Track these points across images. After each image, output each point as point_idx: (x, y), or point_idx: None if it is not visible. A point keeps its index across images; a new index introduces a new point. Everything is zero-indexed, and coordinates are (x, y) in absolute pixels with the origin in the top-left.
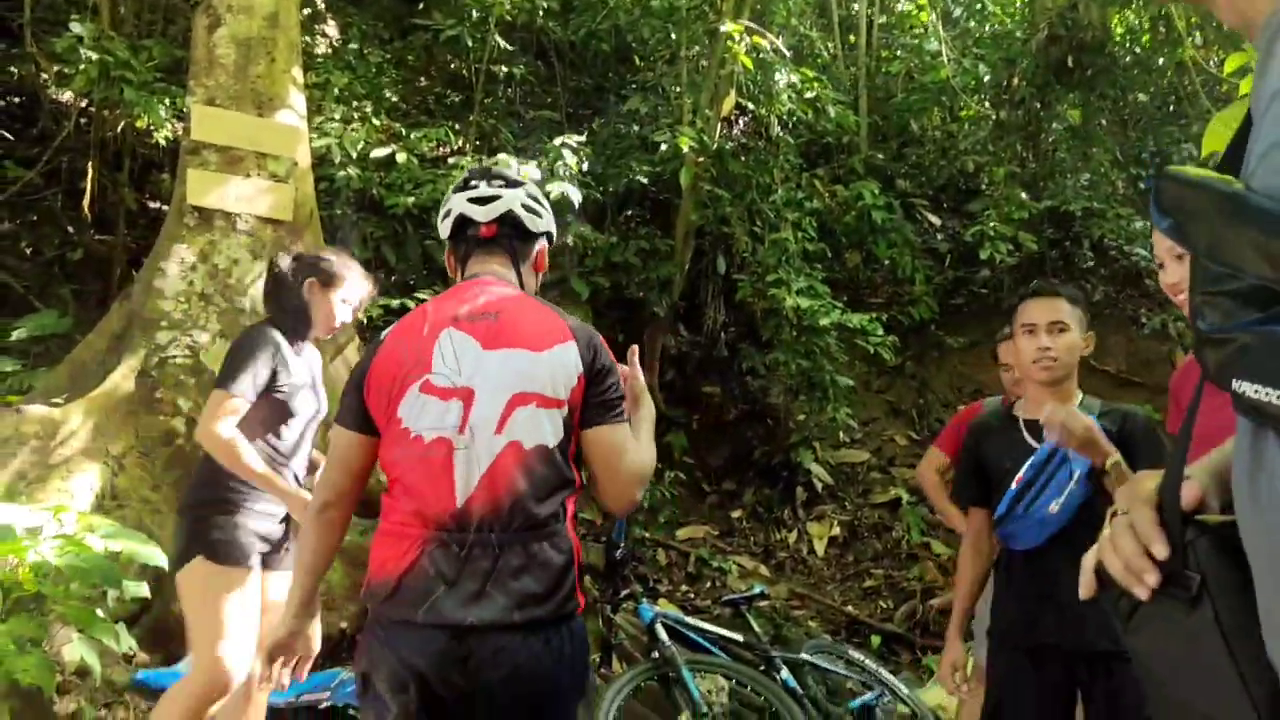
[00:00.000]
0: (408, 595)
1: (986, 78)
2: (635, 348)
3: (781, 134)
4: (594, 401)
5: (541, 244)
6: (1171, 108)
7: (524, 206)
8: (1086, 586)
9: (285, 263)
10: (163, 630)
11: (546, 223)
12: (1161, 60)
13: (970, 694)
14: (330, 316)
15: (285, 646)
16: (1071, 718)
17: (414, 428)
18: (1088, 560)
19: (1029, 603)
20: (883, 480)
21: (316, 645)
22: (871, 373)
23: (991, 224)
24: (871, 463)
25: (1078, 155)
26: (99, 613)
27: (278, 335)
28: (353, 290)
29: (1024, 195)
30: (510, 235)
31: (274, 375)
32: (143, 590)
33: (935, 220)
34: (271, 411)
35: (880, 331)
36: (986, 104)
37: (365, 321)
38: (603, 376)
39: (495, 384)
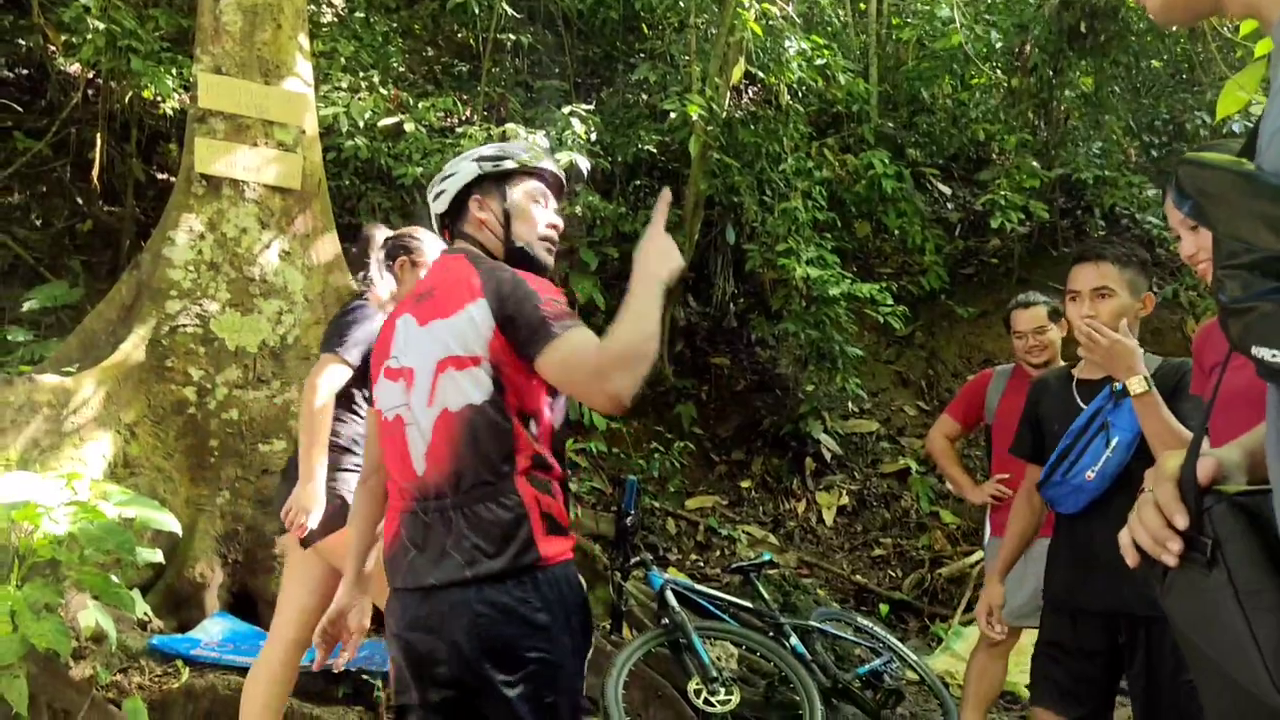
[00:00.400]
0: (391, 564)
1: (999, 44)
2: (666, 191)
3: (791, 102)
4: (521, 338)
5: (467, 207)
6: (1185, 74)
7: (434, 196)
8: (1131, 559)
9: (379, 238)
10: (176, 596)
11: (451, 186)
12: (1175, 26)
13: (984, 658)
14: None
15: (338, 623)
16: (1117, 680)
17: (383, 409)
18: (1124, 536)
19: (1071, 567)
20: (892, 450)
21: (367, 620)
22: (881, 343)
23: (1002, 193)
24: (880, 432)
25: (1090, 123)
26: (114, 579)
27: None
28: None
29: (1035, 163)
30: (442, 220)
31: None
32: (156, 556)
33: (946, 189)
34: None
35: (890, 301)
36: (998, 71)
37: None
38: (516, 311)
39: (424, 358)
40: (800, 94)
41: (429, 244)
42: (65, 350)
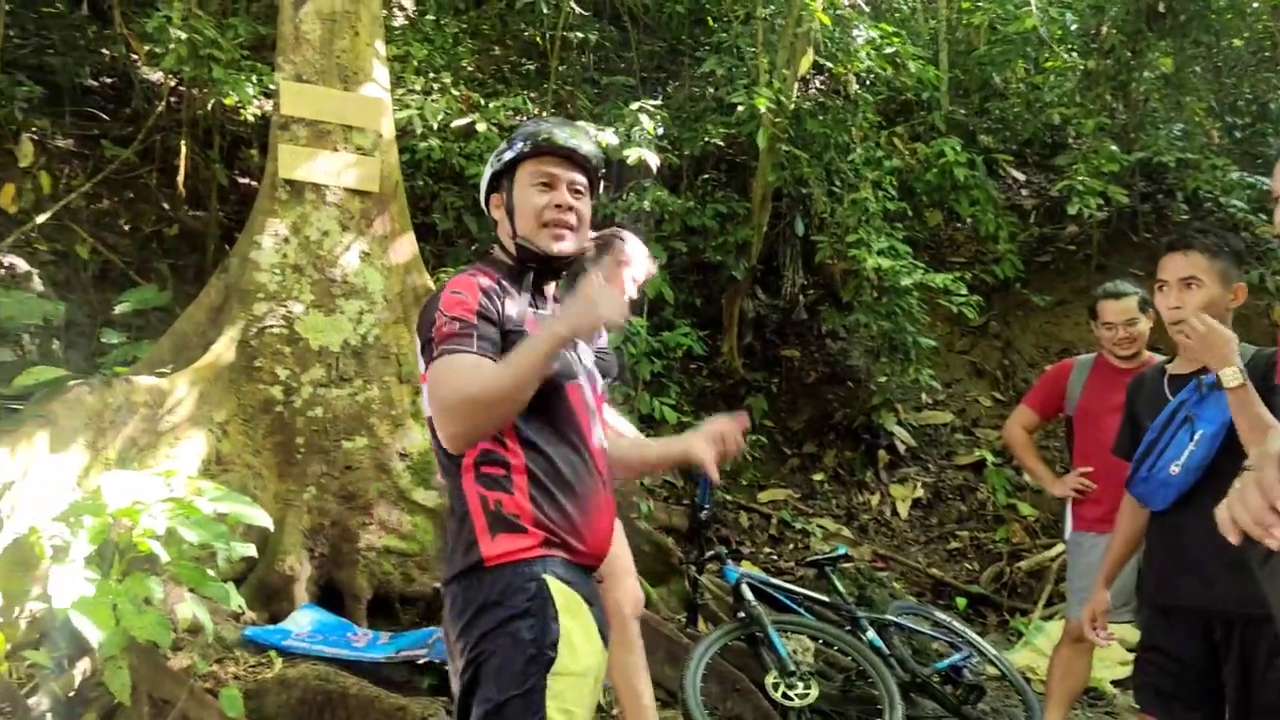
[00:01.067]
0: None
1: (1074, 26)
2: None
3: (860, 91)
4: (421, 355)
5: (493, 201)
6: (1268, 53)
7: None
8: (1233, 536)
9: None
10: (267, 589)
11: (485, 179)
12: (1257, 3)
13: (1068, 654)
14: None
15: None
16: (1216, 675)
17: None
18: (1221, 512)
19: (1163, 563)
20: (967, 442)
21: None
22: (954, 333)
23: (1080, 178)
24: (955, 424)
25: (1170, 104)
26: (209, 572)
27: None
28: (640, 270)
29: (1114, 147)
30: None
31: None
32: (249, 550)
33: (1020, 176)
34: None
35: (963, 291)
36: (1074, 54)
37: None
38: (421, 328)
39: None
40: (869, 83)
41: (630, 243)
42: (158, 351)
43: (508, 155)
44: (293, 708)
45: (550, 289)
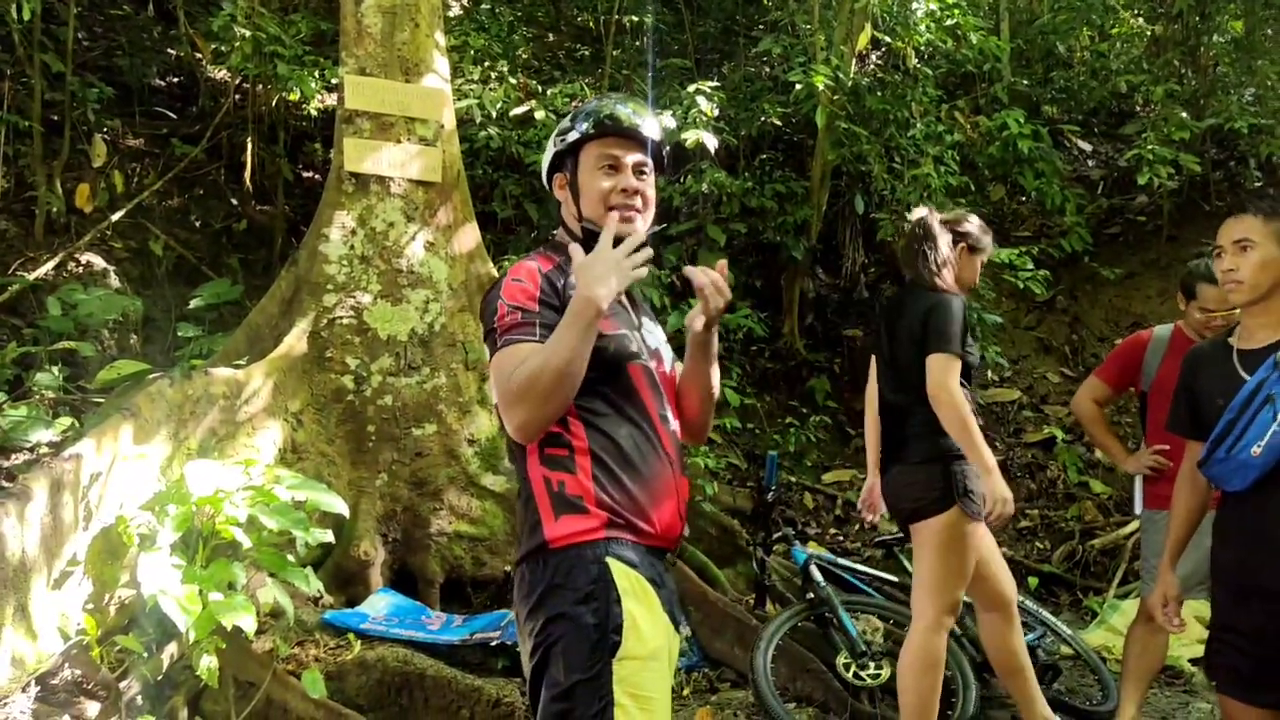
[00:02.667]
0: None
1: None
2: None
3: (919, 65)
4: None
5: (556, 181)
6: None
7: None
8: None
9: (936, 226)
10: (343, 573)
11: (545, 169)
12: None
13: (1144, 632)
14: (975, 277)
15: None
16: None
17: None
18: None
19: (1240, 545)
20: (1035, 419)
21: None
22: (1021, 309)
23: (1149, 147)
24: (1023, 401)
25: (1241, 69)
26: (289, 558)
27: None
28: (986, 253)
29: (1184, 114)
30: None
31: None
32: (326, 536)
33: (1086, 146)
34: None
35: (1029, 265)
36: (1140, 19)
37: None
38: (483, 319)
39: None
40: (928, 56)
41: (984, 233)
42: (232, 344)
43: (572, 136)
44: (372, 689)
45: None
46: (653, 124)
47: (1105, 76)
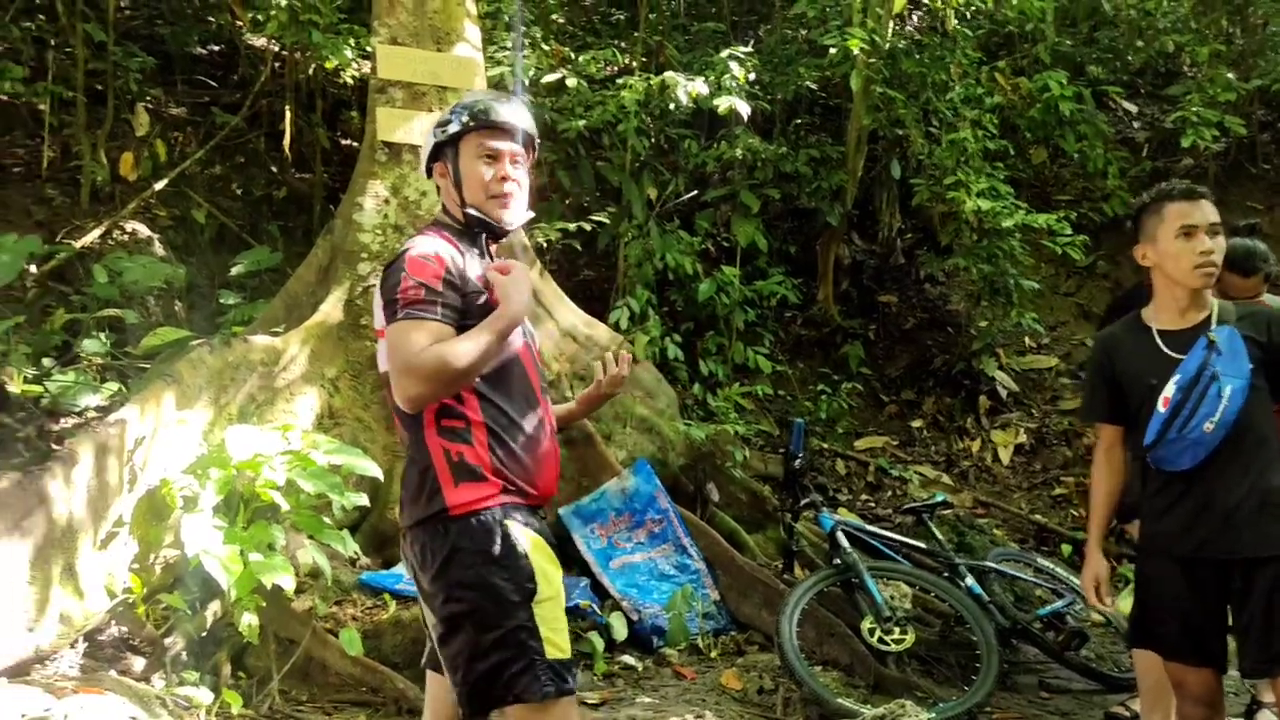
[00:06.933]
0: None
1: None
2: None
3: (958, 26)
4: (383, 313)
5: (436, 170)
6: None
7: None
8: None
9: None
10: (379, 536)
11: (423, 158)
12: None
13: None
14: None
15: None
16: (1224, 626)
17: None
18: None
19: (1185, 516)
20: (1073, 386)
21: None
22: (1060, 274)
23: (1194, 108)
24: (1060, 368)
25: None
26: (326, 521)
27: None
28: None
29: (1230, 75)
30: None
31: None
32: (362, 500)
33: (1131, 108)
34: None
35: (1069, 230)
36: None
37: (545, 245)
38: (384, 288)
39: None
40: (968, 16)
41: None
42: (271, 311)
43: (452, 128)
44: (407, 647)
45: (494, 249)
46: (526, 118)
47: (1151, 36)
